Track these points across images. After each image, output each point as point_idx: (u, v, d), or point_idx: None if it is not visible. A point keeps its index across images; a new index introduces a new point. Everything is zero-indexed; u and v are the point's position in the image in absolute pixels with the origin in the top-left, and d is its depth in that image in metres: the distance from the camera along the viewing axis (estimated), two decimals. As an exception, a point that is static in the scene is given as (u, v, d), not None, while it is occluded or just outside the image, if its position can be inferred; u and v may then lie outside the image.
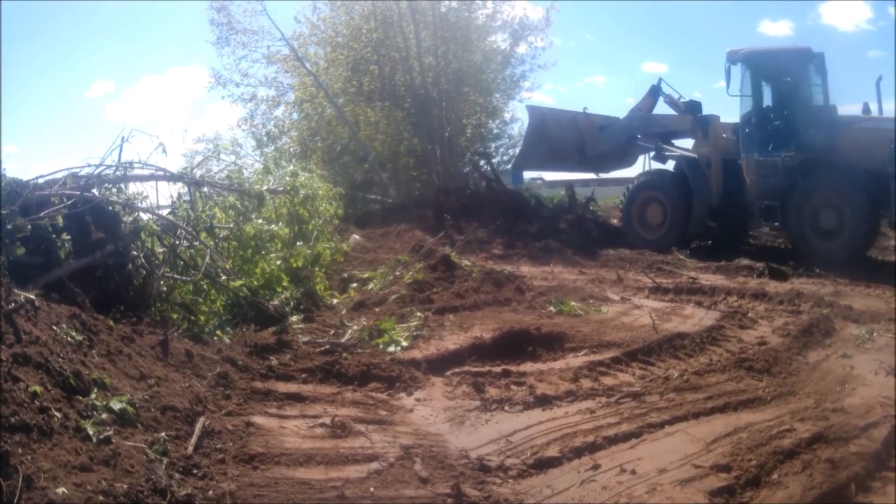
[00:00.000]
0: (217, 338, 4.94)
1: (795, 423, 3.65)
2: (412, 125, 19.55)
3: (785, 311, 6.58)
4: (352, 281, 7.91)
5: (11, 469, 2.23)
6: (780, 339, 5.47)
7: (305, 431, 3.58)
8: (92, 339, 3.55)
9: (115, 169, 5.29)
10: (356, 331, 5.53)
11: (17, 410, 2.51)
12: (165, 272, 5.23)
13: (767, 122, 11.26)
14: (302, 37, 20.52)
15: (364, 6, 19.35)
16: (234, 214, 6.51)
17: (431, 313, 6.12)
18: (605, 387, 4.46)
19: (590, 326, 5.89)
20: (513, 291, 7.12)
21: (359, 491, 2.94)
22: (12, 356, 2.78)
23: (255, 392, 4.11)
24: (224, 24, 19.82)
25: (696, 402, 4.13)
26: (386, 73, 19.44)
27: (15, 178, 4.54)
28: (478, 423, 3.88)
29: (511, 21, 20.57)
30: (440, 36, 19.13)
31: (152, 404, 3.27)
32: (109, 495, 2.40)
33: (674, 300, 7.37)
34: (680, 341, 5.34)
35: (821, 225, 10.14)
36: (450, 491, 2.95)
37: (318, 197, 8.24)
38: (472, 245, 11.51)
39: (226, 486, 2.80)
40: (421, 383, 4.53)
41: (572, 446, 3.50)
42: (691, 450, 3.45)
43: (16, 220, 3.95)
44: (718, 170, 11.75)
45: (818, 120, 10.63)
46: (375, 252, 10.30)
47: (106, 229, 4.75)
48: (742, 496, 2.99)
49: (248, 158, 19.21)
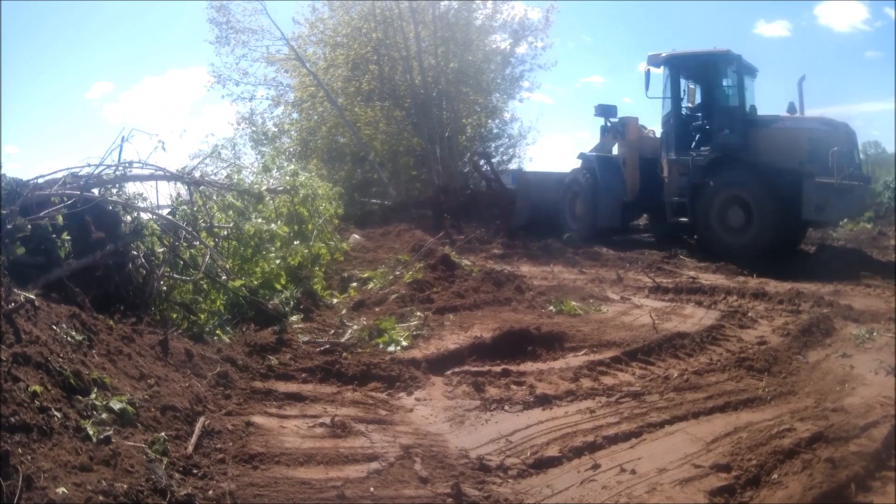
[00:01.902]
0: (217, 337, 4.94)
1: (795, 422, 3.64)
2: (412, 125, 19.56)
3: (785, 310, 6.59)
4: (352, 280, 7.91)
5: (11, 469, 2.23)
6: (780, 339, 5.47)
7: (305, 431, 3.58)
8: (92, 338, 3.55)
9: (115, 168, 5.28)
10: (356, 330, 5.53)
11: (17, 410, 2.50)
12: (165, 272, 5.23)
13: (684, 123, 11.76)
14: (302, 36, 20.54)
15: (364, 6, 19.35)
16: (233, 214, 6.51)
17: (431, 313, 6.12)
18: (605, 386, 4.46)
19: (590, 326, 5.89)
20: (513, 291, 7.12)
21: (359, 491, 2.94)
22: (12, 356, 2.78)
23: (255, 392, 4.11)
24: (223, 24, 19.83)
25: (696, 401, 4.13)
26: (386, 72, 19.45)
27: (15, 178, 4.53)
28: (478, 423, 3.88)
29: (511, 21, 20.60)
30: (440, 36, 19.15)
31: (152, 404, 3.27)
32: (109, 495, 2.40)
33: (674, 300, 7.38)
34: (680, 341, 5.34)
35: (728, 222, 10.47)
36: (450, 491, 2.95)
37: (317, 196, 8.25)
38: (472, 245, 11.52)
39: (226, 485, 2.80)
40: (421, 383, 4.53)
41: (572, 446, 3.50)
42: (691, 449, 3.45)
43: (16, 220, 3.94)
44: (634, 168, 12.49)
45: (732, 120, 11.02)
46: (375, 251, 10.31)
47: (106, 229, 4.75)
48: (742, 496, 2.99)
49: (247, 158, 19.25)
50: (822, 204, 9.61)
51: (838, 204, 9.68)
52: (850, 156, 10.04)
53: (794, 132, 10.53)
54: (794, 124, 10.77)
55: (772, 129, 10.81)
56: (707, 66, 11.77)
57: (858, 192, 9.76)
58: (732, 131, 11.02)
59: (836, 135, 10.12)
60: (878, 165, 25.57)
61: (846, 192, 9.61)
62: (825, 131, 10.23)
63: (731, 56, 11.42)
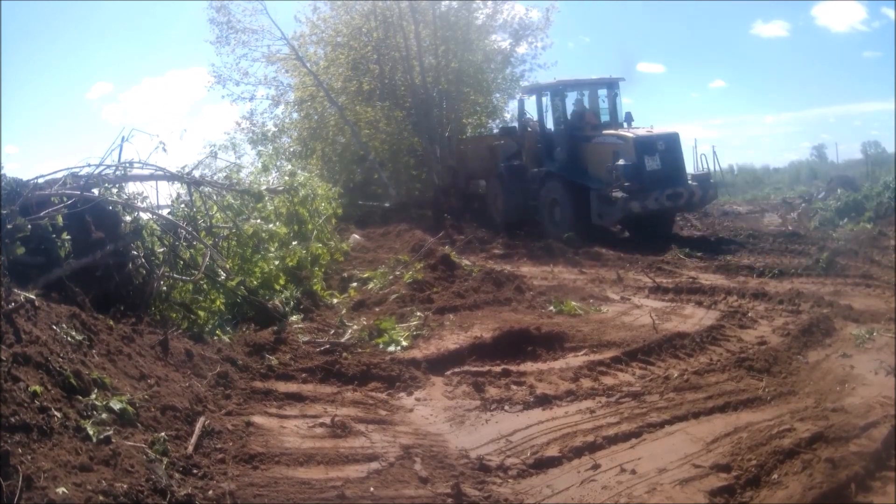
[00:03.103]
0: (217, 337, 4.94)
1: (795, 422, 3.65)
2: (412, 125, 19.53)
3: (785, 310, 6.57)
4: (352, 280, 7.91)
5: (11, 469, 2.23)
6: (780, 339, 5.47)
7: (305, 431, 3.58)
8: (92, 338, 3.55)
9: (115, 168, 5.29)
10: (356, 330, 5.53)
11: (17, 410, 2.51)
12: (165, 272, 5.23)
13: (541, 142, 14.32)
14: (302, 36, 20.50)
15: (364, 6, 19.33)
16: (232, 214, 6.51)
17: (431, 313, 6.12)
18: (605, 386, 4.46)
19: (590, 326, 5.89)
20: (513, 291, 7.12)
21: (359, 491, 2.94)
22: (12, 356, 2.78)
23: (255, 392, 4.11)
24: (224, 24, 19.79)
25: (696, 401, 4.13)
26: (386, 72, 19.42)
27: (15, 178, 4.54)
28: (478, 423, 3.88)
29: (511, 21, 20.58)
30: (440, 35, 19.13)
31: (152, 404, 3.27)
32: (109, 495, 2.40)
33: (674, 300, 7.37)
34: (680, 341, 5.33)
35: (554, 218, 13.35)
36: (450, 491, 2.95)
37: (317, 196, 8.25)
38: (473, 245, 11.52)
39: (226, 485, 2.80)
40: (421, 383, 4.53)
41: (572, 446, 3.50)
42: (691, 449, 3.45)
43: (16, 220, 3.94)
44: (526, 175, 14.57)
45: (563, 139, 13.57)
46: (375, 252, 10.31)
47: (106, 229, 4.75)
48: (742, 496, 2.99)
49: (247, 158, 19.24)
50: (600, 212, 12.29)
51: (610, 212, 12.13)
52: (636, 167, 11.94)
53: (602, 147, 12.74)
54: (603, 140, 12.93)
55: (592, 145, 13.09)
56: (552, 94, 14.09)
57: (620, 203, 11.69)
58: (562, 149, 13.54)
59: (625, 148, 12.19)
60: (879, 165, 25.58)
61: (611, 202, 11.90)
62: (619, 145, 12.36)
63: (566, 83, 14.02)
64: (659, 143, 12.38)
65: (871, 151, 33.43)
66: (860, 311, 6.32)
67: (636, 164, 11.99)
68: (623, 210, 11.80)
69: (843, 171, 26.47)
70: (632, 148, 12.13)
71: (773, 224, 15.26)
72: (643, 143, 12.26)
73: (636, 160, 12.02)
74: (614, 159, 12.11)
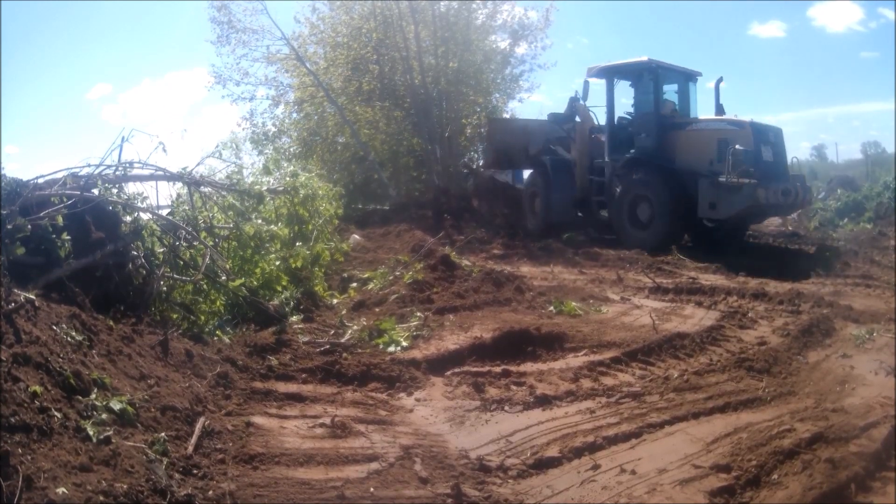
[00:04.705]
0: (217, 338, 4.94)
1: (795, 423, 3.64)
2: (412, 125, 19.55)
3: (785, 311, 6.58)
4: (352, 281, 7.91)
5: (11, 469, 2.23)
6: (780, 339, 5.47)
7: (305, 431, 3.58)
8: (92, 339, 3.55)
9: (115, 169, 5.29)
10: (356, 331, 5.53)
11: (17, 410, 2.51)
12: (165, 272, 5.23)
13: (616, 128, 12.83)
14: (302, 36, 20.53)
15: (364, 6, 19.36)
16: (233, 214, 6.51)
17: (431, 313, 6.12)
18: (605, 387, 4.46)
19: (590, 326, 5.89)
20: (513, 291, 7.12)
21: (359, 491, 2.94)
22: (12, 356, 2.78)
23: (255, 392, 4.10)
24: (224, 23, 19.83)
25: (696, 402, 4.13)
26: (386, 72, 19.44)
27: (15, 178, 4.53)
28: (478, 424, 3.88)
29: (511, 21, 20.60)
30: (440, 36, 19.15)
31: (152, 404, 3.27)
32: (109, 495, 2.40)
33: (674, 300, 7.37)
34: (680, 341, 5.33)
35: (638, 216, 11.70)
36: (450, 491, 2.95)
37: (317, 197, 8.25)
38: (472, 245, 11.52)
39: (226, 486, 2.81)
40: (421, 383, 4.52)
41: (572, 446, 3.50)
42: (691, 450, 3.45)
43: (16, 220, 3.95)
44: (583, 169, 13.36)
45: (649, 125, 12.04)
46: (375, 252, 10.30)
47: (106, 229, 4.75)
48: (742, 496, 2.99)
49: (247, 158, 19.25)
50: (714, 201, 10.64)
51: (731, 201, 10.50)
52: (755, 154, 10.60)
53: (704, 133, 11.38)
54: (705, 126, 11.59)
55: (686, 132, 11.72)
56: (631, 75, 12.71)
57: (747, 189, 10.28)
58: (648, 135, 12.01)
59: (741, 134, 10.80)
60: (878, 165, 25.58)
61: (736, 190, 10.34)
62: (731, 131, 10.95)
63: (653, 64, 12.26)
64: (771, 133, 11.20)
65: (871, 151, 33.45)
66: (860, 312, 6.32)
67: (755, 153, 10.53)
68: (749, 198, 10.23)
69: (843, 171, 26.48)
70: (749, 134, 10.72)
71: (773, 224, 15.27)
72: (760, 130, 10.96)
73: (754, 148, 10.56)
74: (720, 147, 10.74)
